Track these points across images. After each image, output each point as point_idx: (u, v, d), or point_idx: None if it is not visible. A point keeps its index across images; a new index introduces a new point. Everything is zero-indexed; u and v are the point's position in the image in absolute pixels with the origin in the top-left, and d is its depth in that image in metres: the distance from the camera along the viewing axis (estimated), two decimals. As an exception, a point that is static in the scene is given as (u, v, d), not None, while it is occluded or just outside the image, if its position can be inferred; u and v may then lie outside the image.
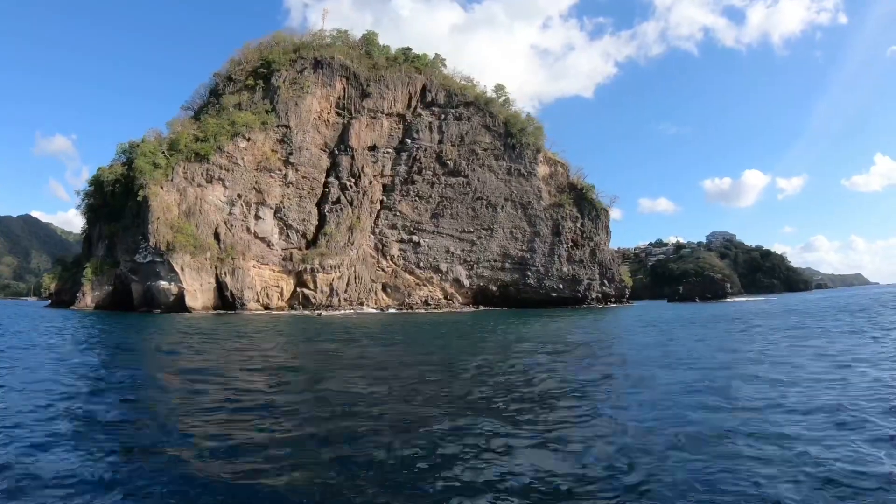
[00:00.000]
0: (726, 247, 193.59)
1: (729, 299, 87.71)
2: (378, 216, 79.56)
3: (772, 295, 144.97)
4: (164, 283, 68.95)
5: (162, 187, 70.91)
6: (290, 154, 77.03)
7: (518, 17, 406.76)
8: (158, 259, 68.95)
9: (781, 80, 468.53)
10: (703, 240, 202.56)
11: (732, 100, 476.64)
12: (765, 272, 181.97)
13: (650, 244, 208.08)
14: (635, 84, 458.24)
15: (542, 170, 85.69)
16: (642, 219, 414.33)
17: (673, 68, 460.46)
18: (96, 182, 78.28)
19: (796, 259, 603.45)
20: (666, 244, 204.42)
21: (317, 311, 66.32)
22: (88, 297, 72.07)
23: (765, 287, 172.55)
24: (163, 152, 73.37)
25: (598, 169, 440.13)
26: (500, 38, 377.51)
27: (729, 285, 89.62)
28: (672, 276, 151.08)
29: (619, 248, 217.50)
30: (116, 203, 75.24)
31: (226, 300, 70.52)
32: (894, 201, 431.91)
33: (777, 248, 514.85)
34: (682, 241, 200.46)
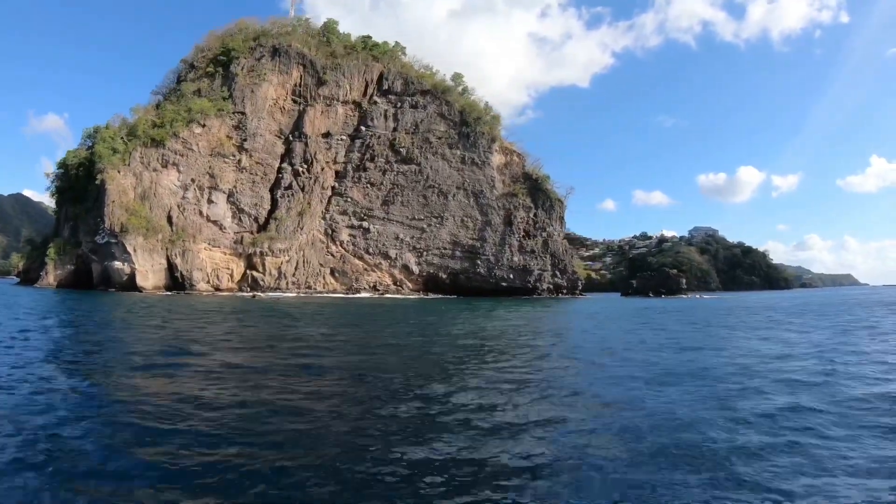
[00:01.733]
0: (707, 242, 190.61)
1: (684, 295, 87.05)
2: (329, 202, 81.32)
3: (743, 292, 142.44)
4: (118, 264, 72.34)
5: (119, 171, 73.95)
6: (245, 140, 79.18)
7: (516, 5, 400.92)
8: (113, 240, 72.25)
9: (780, 76, 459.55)
10: (686, 234, 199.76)
11: (730, 95, 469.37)
12: (745, 269, 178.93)
13: (634, 237, 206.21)
14: (632, 75, 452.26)
15: (498, 159, 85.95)
16: (637, 211, 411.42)
17: (670, 61, 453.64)
18: (64, 165, 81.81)
19: (789, 257, 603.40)
20: (651, 237, 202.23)
21: (252, 294, 68.71)
22: (51, 276, 76.01)
23: (744, 284, 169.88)
24: (122, 138, 76.39)
25: (592, 158, 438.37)
26: (497, 26, 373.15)
27: (684, 281, 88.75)
28: (650, 269, 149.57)
29: (604, 240, 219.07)
30: (80, 186, 78.73)
31: (176, 281, 73.55)
32: (889, 203, 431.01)
33: (770, 246, 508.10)
34: (666, 234, 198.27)
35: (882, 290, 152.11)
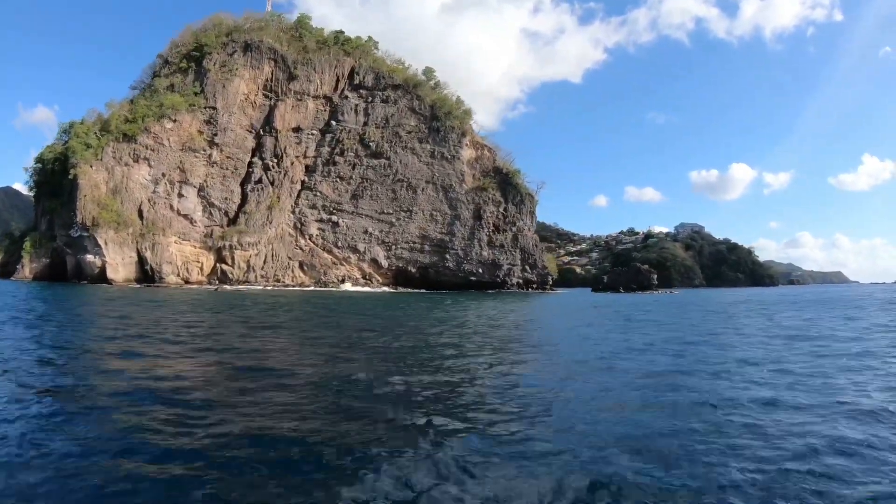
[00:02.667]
0: (693, 238, 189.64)
1: (655, 290, 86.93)
2: (299, 196, 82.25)
3: (724, 288, 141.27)
4: (90, 257, 74.05)
5: (92, 166, 75.43)
6: (216, 135, 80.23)
7: (509, 0, 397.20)
8: (85, 234, 73.93)
9: (772, 74, 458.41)
10: (671, 230, 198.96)
11: (722, 92, 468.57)
12: (730, 265, 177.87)
13: (621, 232, 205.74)
14: (625, 71, 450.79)
15: (468, 153, 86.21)
16: (629, 207, 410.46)
17: (663, 57, 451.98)
18: (41, 160, 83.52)
19: (780, 255, 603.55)
20: (638, 233, 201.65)
21: (216, 287, 69.95)
22: (27, 269, 77.89)
23: (729, 280, 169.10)
24: (95, 133, 77.83)
25: (584, 154, 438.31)
26: (490, 20, 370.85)
27: (655, 276, 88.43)
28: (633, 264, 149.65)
29: (591, 235, 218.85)
30: (56, 181, 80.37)
31: (146, 274, 75.08)
32: (880, 201, 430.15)
33: (762, 243, 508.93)
34: (654, 230, 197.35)
35: (866, 287, 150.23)
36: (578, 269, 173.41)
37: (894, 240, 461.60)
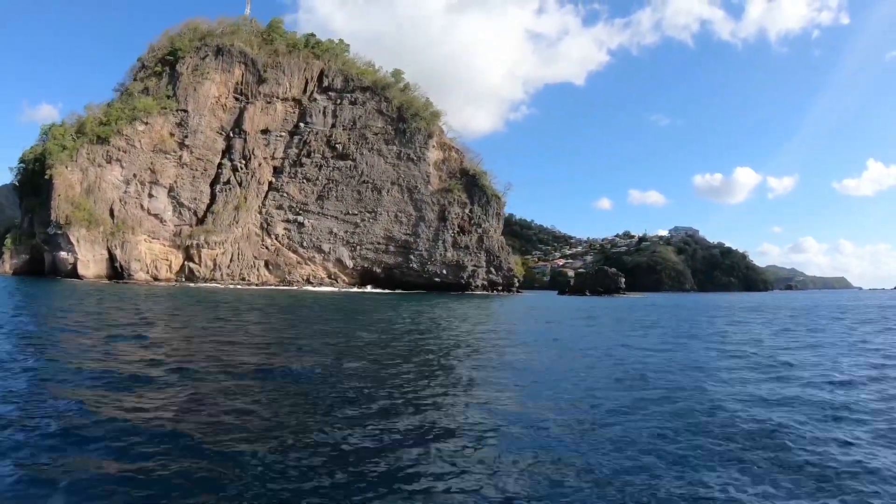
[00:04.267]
0: (686, 242, 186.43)
1: (621, 294, 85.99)
2: (266, 197, 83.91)
3: (715, 293, 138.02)
4: (63, 254, 77.01)
5: (66, 167, 78.42)
6: (186, 137, 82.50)
7: (512, 1, 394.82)
8: (59, 232, 76.90)
9: (777, 77, 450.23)
10: (666, 233, 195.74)
11: (726, 95, 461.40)
12: (723, 270, 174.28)
13: (617, 235, 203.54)
14: (628, 73, 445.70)
15: (435, 155, 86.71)
16: (632, 210, 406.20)
17: (667, 59, 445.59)
18: (24, 160, 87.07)
19: (784, 259, 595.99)
20: (633, 237, 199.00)
21: (176, 281, 71.96)
22: (7, 264, 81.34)
23: (722, 285, 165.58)
24: (72, 135, 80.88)
25: (588, 156, 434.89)
26: (493, 20, 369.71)
27: (623, 280, 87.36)
28: (625, 268, 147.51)
29: (587, 238, 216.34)
30: (36, 180, 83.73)
31: (116, 271, 77.68)
32: (885, 207, 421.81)
33: (765, 248, 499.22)
34: (649, 234, 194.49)
35: (864, 293, 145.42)
36: (570, 272, 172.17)
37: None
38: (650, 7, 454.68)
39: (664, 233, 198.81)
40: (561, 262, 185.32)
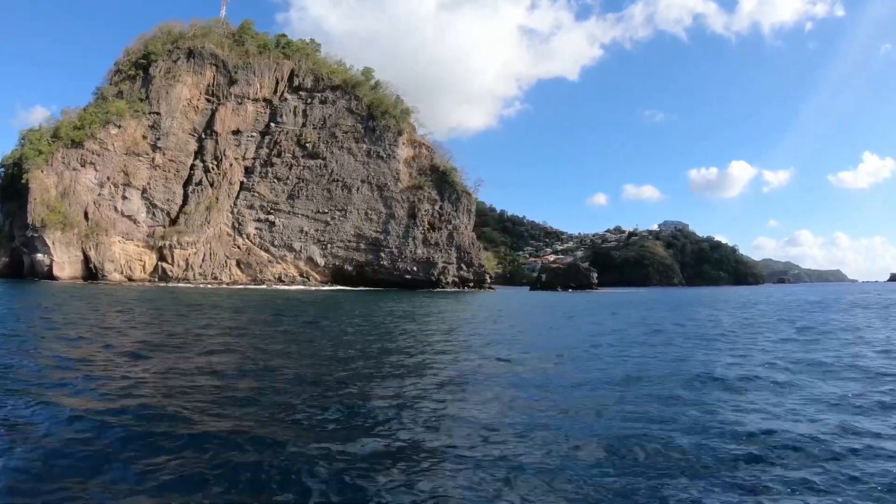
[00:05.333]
0: (675, 236, 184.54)
1: (592, 289, 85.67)
2: (238, 197, 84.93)
3: (701, 287, 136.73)
4: (40, 256, 78.86)
5: (42, 171, 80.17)
6: (159, 139, 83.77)
7: None
8: (36, 235, 78.77)
9: (772, 70, 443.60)
10: (655, 228, 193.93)
11: (720, 88, 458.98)
12: (712, 264, 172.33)
13: (608, 230, 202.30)
14: (621, 68, 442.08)
15: (405, 152, 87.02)
16: (628, 205, 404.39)
17: (660, 53, 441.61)
18: (3, 164, 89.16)
19: (779, 253, 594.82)
20: (624, 232, 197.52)
21: (149, 282, 73.29)
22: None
23: (711, 279, 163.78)
24: (48, 140, 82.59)
25: (582, 152, 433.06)
26: (486, 17, 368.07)
27: (595, 275, 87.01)
28: (613, 263, 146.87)
29: (578, 233, 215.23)
30: (15, 184, 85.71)
31: (91, 271, 79.33)
32: (880, 200, 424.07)
33: (761, 241, 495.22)
34: (639, 229, 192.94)
35: (855, 286, 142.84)
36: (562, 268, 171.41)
37: (894, 238, 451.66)
38: (642, 1, 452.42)
39: (655, 227, 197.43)
40: (552, 257, 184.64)
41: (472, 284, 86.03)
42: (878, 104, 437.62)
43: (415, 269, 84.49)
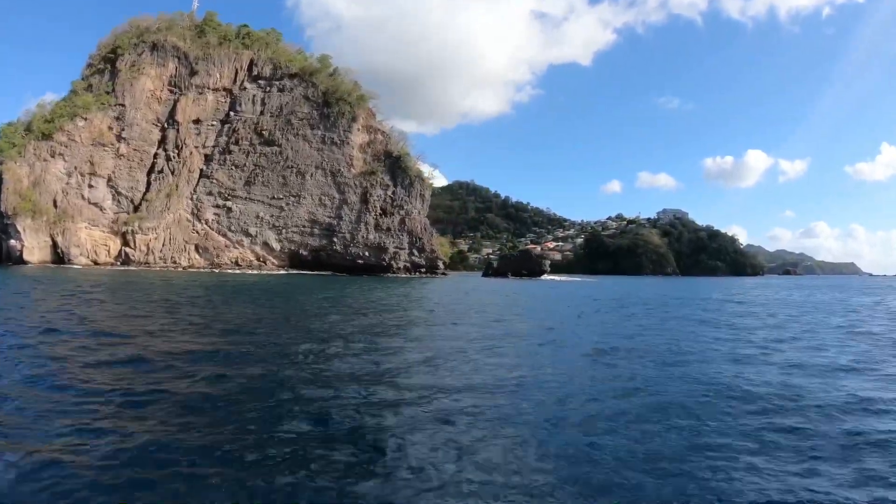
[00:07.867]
0: (672, 225, 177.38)
1: (545, 277, 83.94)
2: (197, 184, 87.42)
3: (697, 277, 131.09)
4: (13, 242, 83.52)
5: (16, 163, 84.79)
6: (123, 130, 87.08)
7: None
8: (9, 222, 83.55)
9: (789, 57, 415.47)
10: (653, 216, 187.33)
11: (736, 75, 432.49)
12: (710, 253, 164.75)
13: (609, 218, 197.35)
14: (635, 53, 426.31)
15: (360, 138, 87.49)
16: (642, 193, 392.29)
17: (674, 38, 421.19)
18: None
19: (795, 244, 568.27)
20: (624, 219, 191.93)
21: (112, 265, 76.62)
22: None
23: (707, 269, 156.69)
24: (21, 133, 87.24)
25: (596, 138, 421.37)
26: (498, 1, 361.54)
27: (547, 263, 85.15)
28: (606, 251, 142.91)
29: (582, 221, 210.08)
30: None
31: (59, 256, 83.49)
32: None
33: (777, 232, 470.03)
34: (641, 217, 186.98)
35: (866, 280, 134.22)
36: (559, 256, 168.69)
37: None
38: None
39: (654, 215, 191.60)
40: (551, 244, 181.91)
41: (424, 270, 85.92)
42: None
43: (367, 254, 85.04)
